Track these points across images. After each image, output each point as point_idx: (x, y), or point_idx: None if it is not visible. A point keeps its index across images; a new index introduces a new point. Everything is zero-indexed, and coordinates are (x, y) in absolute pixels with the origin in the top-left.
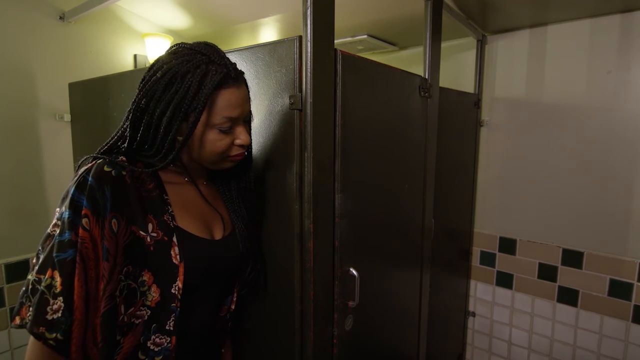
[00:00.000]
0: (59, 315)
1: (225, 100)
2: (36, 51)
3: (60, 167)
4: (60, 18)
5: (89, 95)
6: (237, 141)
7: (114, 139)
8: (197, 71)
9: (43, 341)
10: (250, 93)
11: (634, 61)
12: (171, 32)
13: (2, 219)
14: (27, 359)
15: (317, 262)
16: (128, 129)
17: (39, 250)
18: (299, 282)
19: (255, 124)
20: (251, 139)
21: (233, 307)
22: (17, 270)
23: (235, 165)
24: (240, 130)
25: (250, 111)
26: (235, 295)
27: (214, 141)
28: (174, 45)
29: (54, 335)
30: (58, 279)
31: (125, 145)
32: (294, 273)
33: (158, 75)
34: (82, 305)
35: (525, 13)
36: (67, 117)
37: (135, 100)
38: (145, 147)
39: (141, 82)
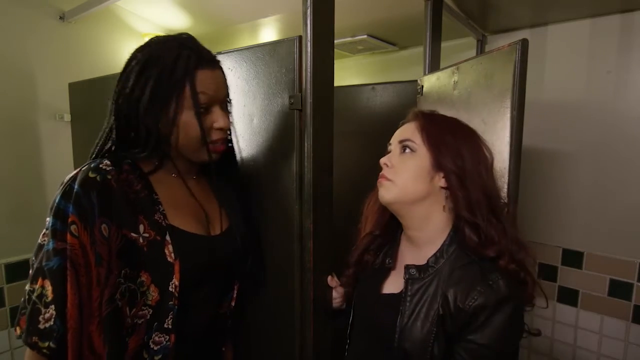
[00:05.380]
0: (51, 323)
1: (198, 80)
2: (36, 51)
3: (60, 167)
4: (60, 18)
5: (89, 95)
6: (216, 124)
7: (102, 140)
8: (169, 54)
9: (37, 350)
10: (250, 93)
11: (634, 61)
12: (171, 32)
13: (2, 219)
14: None
15: (317, 262)
16: (114, 123)
17: (33, 260)
18: (299, 282)
19: (255, 124)
20: (231, 124)
21: (233, 304)
22: (17, 270)
23: (220, 158)
24: (217, 113)
25: (227, 95)
26: (235, 292)
27: (192, 123)
28: (151, 38)
29: (47, 344)
30: (49, 287)
31: (115, 142)
32: (294, 273)
33: (133, 63)
34: (76, 313)
35: (525, 13)
36: (67, 117)
37: (115, 91)
38: (134, 144)
39: (120, 74)
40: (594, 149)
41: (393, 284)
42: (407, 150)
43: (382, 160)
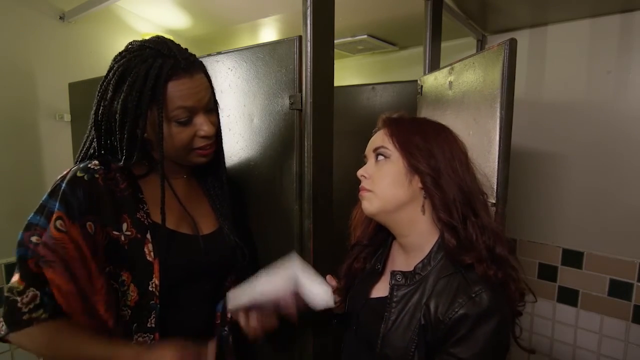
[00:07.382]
0: (38, 302)
1: (176, 91)
2: (36, 51)
3: (60, 167)
4: (60, 18)
5: (89, 95)
6: (201, 132)
7: (85, 147)
8: (142, 66)
9: (35, 321)
10: (250, 93)
11: (634, 61)
12: (171, 32)
13: (2, 219)
14: (35, 348)
15: (317, 262)
16: (94, 133)
17: None
18: None
19: (255, 124)
20: (219, 130)
21: None
22: None
23: (209, 159)
24: (201, 121)
25: (212, 99)
26: None
27: (175, 135)
28: (128, 44)
29: (40, 312)
30: (16, 277)
31: (96, 151)
32: None
33: (110, 75)
34: (74, 302)
35: (525, 13)
36: (67, 117)
37: (94, 103)
38: (115, 153)
39: (99, 86)
40: (594, 149)
41: (381, 289)
42: (381, 157)
43: (359, 172)
